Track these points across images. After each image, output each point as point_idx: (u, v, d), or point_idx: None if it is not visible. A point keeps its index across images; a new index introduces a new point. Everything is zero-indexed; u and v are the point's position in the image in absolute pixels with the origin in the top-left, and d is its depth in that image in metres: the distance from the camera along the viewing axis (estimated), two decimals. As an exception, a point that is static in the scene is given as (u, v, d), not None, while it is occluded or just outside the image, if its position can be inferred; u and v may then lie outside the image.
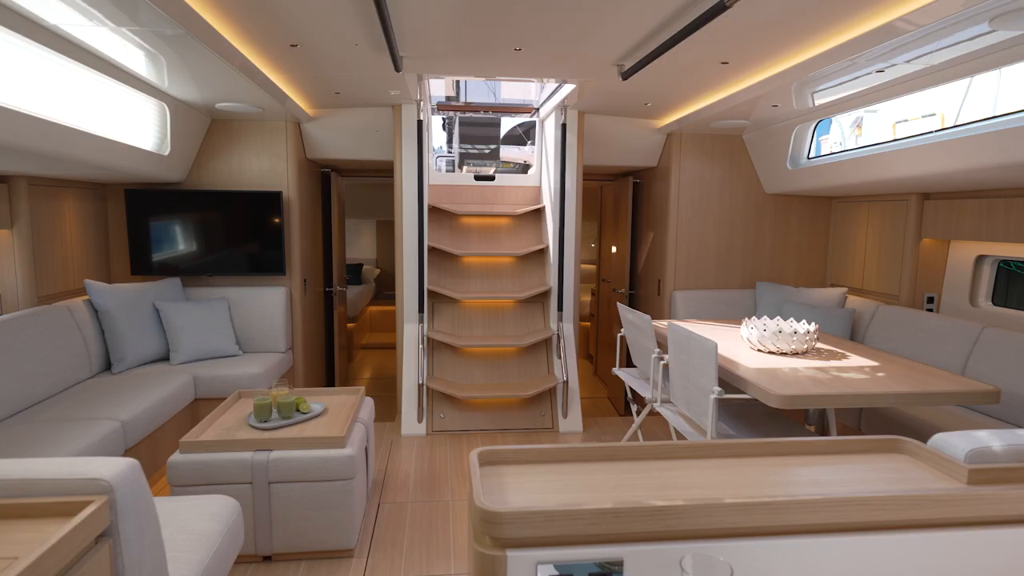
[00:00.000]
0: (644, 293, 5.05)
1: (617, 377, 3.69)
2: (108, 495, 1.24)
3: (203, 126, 4.03)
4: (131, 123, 3.33)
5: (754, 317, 3.21)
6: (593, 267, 7.95)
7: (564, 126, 4.10)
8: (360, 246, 8.83)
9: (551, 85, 4.32)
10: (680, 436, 3.53)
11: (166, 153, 3.64)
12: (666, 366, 3.00)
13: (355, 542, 2.57)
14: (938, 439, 1.53)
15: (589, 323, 7.04)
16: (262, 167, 4.18)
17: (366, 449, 2.91)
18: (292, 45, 2.68)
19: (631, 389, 3.72)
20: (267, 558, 2.54)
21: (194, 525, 1.80)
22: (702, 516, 1.19)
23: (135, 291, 3.70)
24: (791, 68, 2.82)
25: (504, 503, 1.29)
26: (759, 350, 3.03)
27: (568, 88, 3.80)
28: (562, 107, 4.11)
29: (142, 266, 4.01)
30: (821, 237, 4.67)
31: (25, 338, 2.96)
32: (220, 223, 4.08)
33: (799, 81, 2.98)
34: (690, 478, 1.44)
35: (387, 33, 2.36)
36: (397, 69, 2.89)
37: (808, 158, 4.11)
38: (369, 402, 3.17)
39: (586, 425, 4.23)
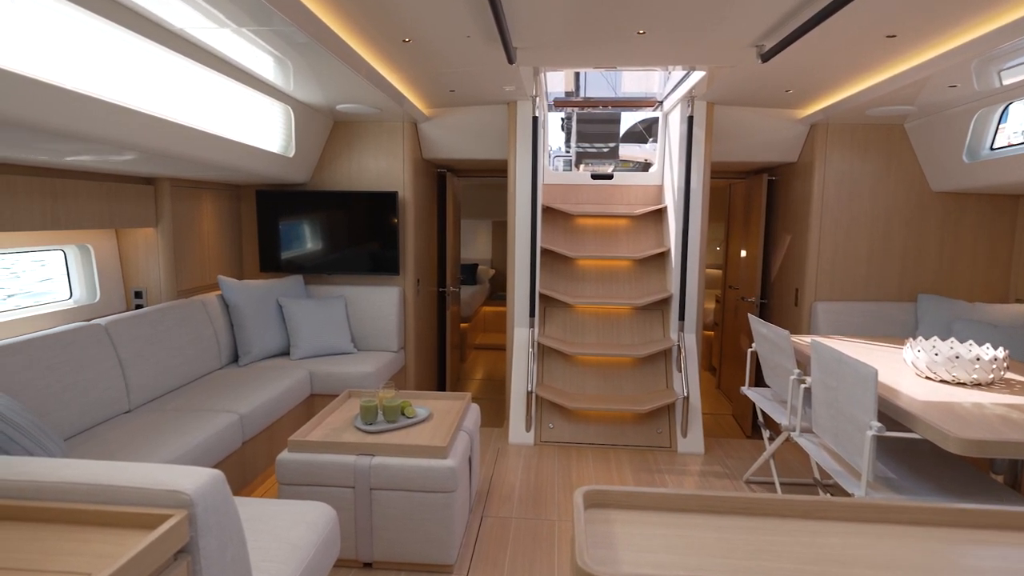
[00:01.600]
0: (778, 303, 4.55)
1: (744, 394, 3.30)
2: (188, 509, 1.17)
3: (326, 128, 4.14)
4: (260, 126, 3.46)
5: (920, 337, 2.71)
6: (718, 272, 7.41)
7: (691, 119, 3.76)
8: (475, 247, 8.89)
9: (677, 74, 3.99)
10: (824, 474, 3.07)
11: (291, 155, 3.77)
12: (807, 390, 2.60)
13: (455, 558, 2.45)
14: None
15: (712, 332, 6.55)
16: (379, 168, 4.23)
17: (470, 459, 2.79)
18: (405, 40, 2.62)
19: (762, 412, 3.32)
20: (367, 565, 2.48)
21: (288, 533, 1.75)
22: (878, 614, 0.89)
23: (262, 287, 3.87)
24: (977, 40, 2.33)
25: (613, 563, 1.07)
26: (928, 378, 2.54)
27: (696, 76, 3.47)
28: (689, 98, 3.77)
29: (270, 263, 4.21)
30: (1004, 243, 3.93)
31: (163, 329, 3.16)
32: (339, 223, 4.19)
33: (981, 57, 2.46)
34: (854, 550, 1.13)
35: (499, 21, 2.21)
36: (510, 61, 2.74)
37: (991, 149, 3.45)
38: (475, 409, 3.05)
39: (708, 446, 3.86)
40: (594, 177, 4.58)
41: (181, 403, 2.94)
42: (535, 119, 3.80)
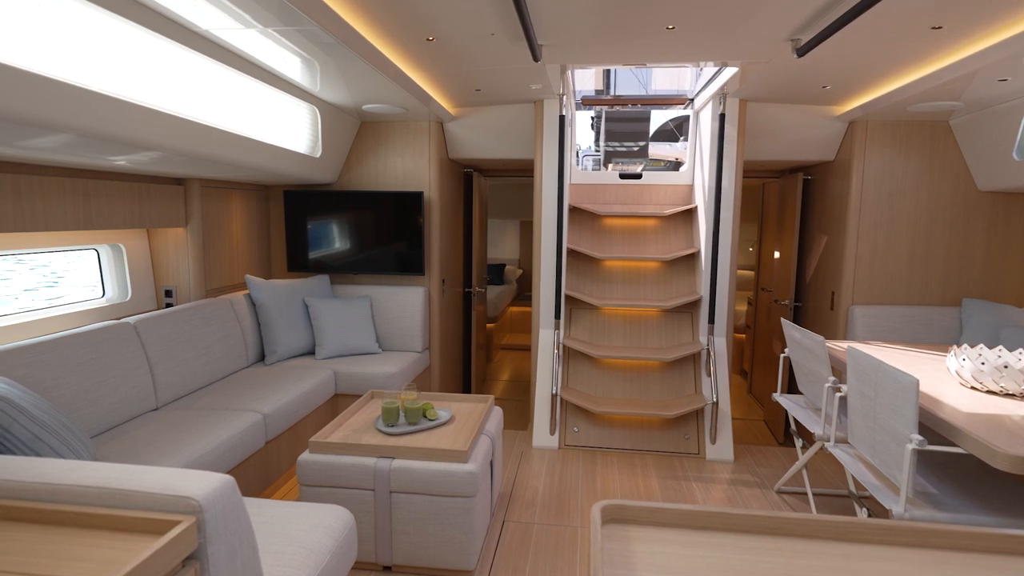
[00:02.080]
0: (813, 306, 4.40)
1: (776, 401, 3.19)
2: (197, 515, 1.15)
3: (353, 128, 4.15)
4: (286, 127, 3.47)
5: (965, 345, 2.57)
6: (751, 273, 7.24)
7: (722, 116, 3.65)
8: (503, 246, 8.86)
9: (709, 71, 3.89)
10: (859, 487, 2.95)
11: (318, 155, 3.79)
12: (843, 398, 2.49)
13: (474, 563, 2.41)
14: None
15: (744, 335, 6.39)
16: (406, 168, 4.23)
17: (491, 463, 2.75)
18: (428, 39, 2.59)
19: (795, 420, 3.20)
20: (387, 568, 2.47)
21: (305, 537, 1.73)
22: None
23: (288, 287, 3.90)
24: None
25: (629, 586, 1.01)
26: (973, 388, 2.41)
27: (728, 73, 3.37)
28: (721, 95, 3.67)
29: (297, 263, 4.24)
30: (1057, 245, 3.73)
31: (191, 328, 3.20)
32: (365, 223, 4.19)
33: None
34: (893, 579, 1.05)
35: (522, 18, 2.16)
36: (535, 59, 2.69)
37: (1044, 146, 3.27)
38: (498, 412, 3.02)
39: (738, 454, 3.75)
40: (622, 176, 4.50)
41: (207, 401, 2.97)
42: (562, 118, 3.74)
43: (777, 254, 4.93)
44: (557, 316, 3.88)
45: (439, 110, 3.83)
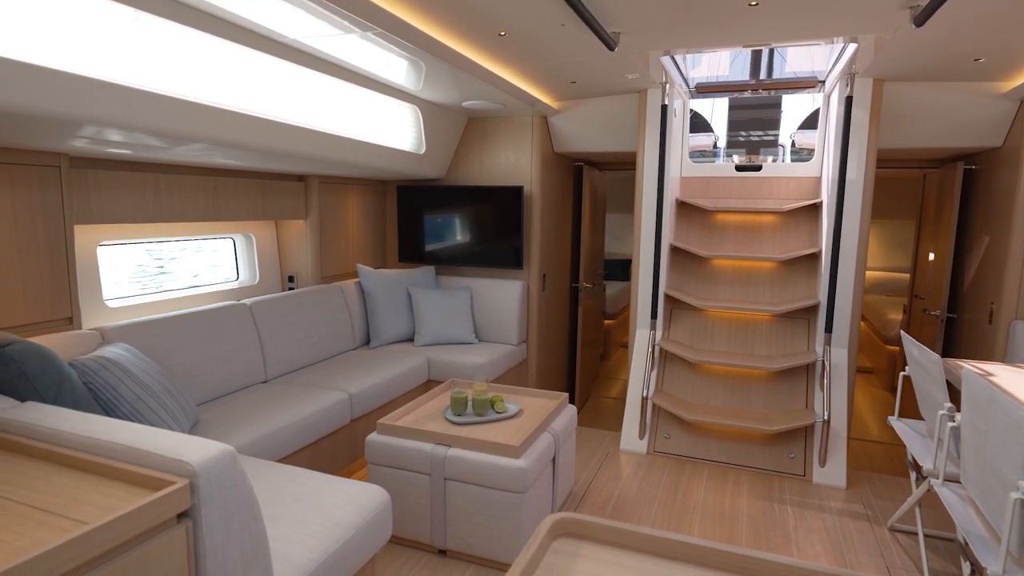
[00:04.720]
0: (969, 318, 3.75)
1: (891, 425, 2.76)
2: (192, 479, 1.29)
3: (459, 124, 4.29)
4: (391, 126, 3.68)
5: None
6: (907, 276, 6.34)
7: (849, 99, 3.22)
8: (630, 241, 8.61)
9: (839, 47, 3.45)
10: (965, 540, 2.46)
11: (422, 152, 3.97)
12: (956, 429, 2.10)
13: (524, 560, 2.40)
14: None
15: (897, 348, 5.62)
16: (508, 162, 4.28)
17: (553, 461, 2.72)
18: (500, 34, 2.60)
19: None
20: (442, 552, 2.55)
21: (335, 511, 1.85)
22: None
23: (395, 276, 4.15)
24: None
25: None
26: None
27: (853, 49, 2.97)
28: (848, 75, 3.24)
29: (407, 254, 4.49)
30: None
31: (301, 311, 3.54)
32: (467, 217, 4.32)
33: None
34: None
35: (576, 7, 2.09)
36: (609, 47, 2.57)
37: None
38: (570, 410, 2.97)
39: (853, 480, 3.32)
40: (738, 169, 4.16)
41: (308, 378, 3.26)
42: (663, 108, 3.55)
43: (932, 256, 4.27)
44: (653, 316, 3.71)
45: (539, 104, 3.82)
